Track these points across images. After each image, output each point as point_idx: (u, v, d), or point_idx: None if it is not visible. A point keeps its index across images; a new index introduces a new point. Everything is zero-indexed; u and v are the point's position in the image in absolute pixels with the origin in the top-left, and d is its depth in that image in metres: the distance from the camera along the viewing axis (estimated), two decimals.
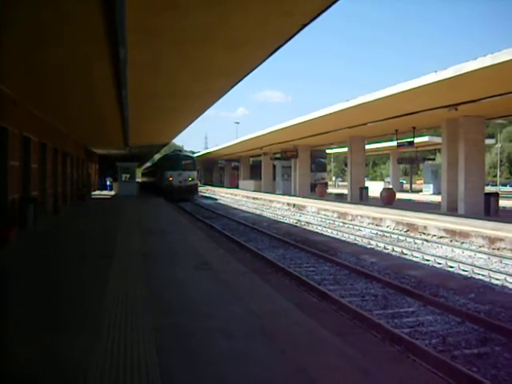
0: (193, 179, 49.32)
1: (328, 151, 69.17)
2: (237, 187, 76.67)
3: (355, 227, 25.47)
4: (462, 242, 19.25)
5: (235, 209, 40.61)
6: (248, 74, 15.54)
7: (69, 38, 11.41)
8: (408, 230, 22.85)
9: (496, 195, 27.47)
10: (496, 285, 12.99)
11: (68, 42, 11.68)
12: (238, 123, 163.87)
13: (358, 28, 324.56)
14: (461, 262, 15.47)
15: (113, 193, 53.77)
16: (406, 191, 62.97)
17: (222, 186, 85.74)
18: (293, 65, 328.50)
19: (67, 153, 32.13)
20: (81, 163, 42.70)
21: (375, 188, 51.92)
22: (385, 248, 18.83)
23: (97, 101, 19.63)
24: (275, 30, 11.01)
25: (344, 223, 27.30)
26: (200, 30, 11.01)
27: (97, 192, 56.22)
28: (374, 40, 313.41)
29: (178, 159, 49.66)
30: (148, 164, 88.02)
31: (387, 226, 24.69)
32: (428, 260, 16.35)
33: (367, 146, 46.58)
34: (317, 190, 50.74)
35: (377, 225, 25.62)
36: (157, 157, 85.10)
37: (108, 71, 13.95)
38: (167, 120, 27.41)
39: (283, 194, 53.57)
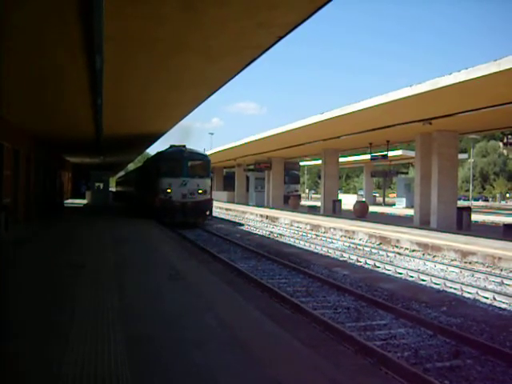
0: (205, 191, 31.51)
1: (302, 163, 69.45)
2: None
3: (328, 240, 25.48)
4: (435, 256, 19.38)
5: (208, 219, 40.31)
6: (224, 85, 15.55)
7: (46, 46, 11.34)
8: (381, 243, 22.94)
9: (468, 209, 27.78)
10: (468, 298, 13.07)
11: (45, 50, 11.60)
12: (212, 134, 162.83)
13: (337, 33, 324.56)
14: (433, 276, 15.56)
15: (85, 201, 53.33)
16: (379, 204, 63.32)
17: None
18: (267, 75, 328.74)
19: (40, 160, 31.82)
20: (54, 171, 42.29)
21: (348, 201, 52.15)
22: (357, 261, 18.84)
23: (71, 108, 19.50)
24: (251, 42, 11.01)
25: (317, 235, 27.31)
26: (176, 39, 10.99)
27: (69, 200, 55.77)
28: (355, 46, 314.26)
29: (181, 159, 31.45)
30: (129, 169, 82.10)
31: (360, 239, 24.76)
32: (400, 273, 16.40)
33: (341, 159, 46.89)
34: (290, 202, 50.82)
35: (349, 237, 25.68)
36: (130, 167, 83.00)
37: (83, 79, 13.88)
38: (141, 129, 27.28)
39: (256, 206, 53.53)
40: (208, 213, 32.13)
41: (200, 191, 31.01)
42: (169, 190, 30.48)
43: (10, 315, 7.90)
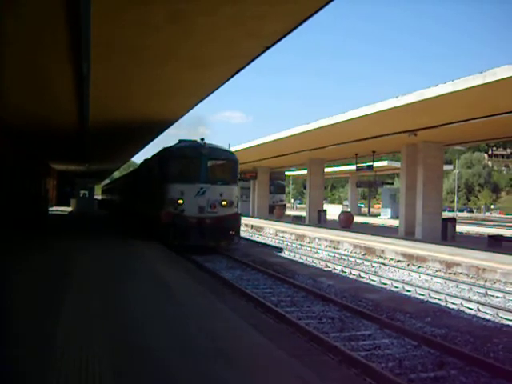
0: (230, 203, 23.07)
1: (287, 173, 69.58)
2: None
3: (313, 250, 25.47)
4: (419, 267, 19.40)
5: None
6: (211, 93, 15.57)
7: (33, 53, 11.31)
8: (365, 254, 22.94)
9: (453, 220, 27.93)
10: (452, 309, 13.07)
11: (32, 56, 11.57)
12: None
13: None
14: (418, 286, 15.55)
15: (70, 209, 52.99)
16: (364, 215, 63.44)
17: None
18: (253, 85, 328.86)
19: (25, 167, 31.62)
20: (39, 178, 41.97)
21: (333, 211, 52.25)
22: (342, 271, 18.82)
23: (57, 117, 19.43)
24: (240, 51, 11.07)
25: (302, 245, 27.30)
26: (164, 47, 10.99)
27: (54, 208, 55.43)
28: (344, 53, 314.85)
29: (198, 157, 22.41)
30: (114, 176, 79.53)
31: (345, 249, 24.76)
32: (385, 283, 16.39)
33: (326, 169, 46.97)
34: (275, 211, 50.85)
35: (334, 248, 25.67)
36: (115, 175, 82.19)
37: (70, 84, 13.84)
38: (128, 135, 27.20)
39: (241, 215, 53.34)
40: (234, 233, 23.43)
41: (224, 203, 22.58)
42: (180, 202, 21.81)
43: None
